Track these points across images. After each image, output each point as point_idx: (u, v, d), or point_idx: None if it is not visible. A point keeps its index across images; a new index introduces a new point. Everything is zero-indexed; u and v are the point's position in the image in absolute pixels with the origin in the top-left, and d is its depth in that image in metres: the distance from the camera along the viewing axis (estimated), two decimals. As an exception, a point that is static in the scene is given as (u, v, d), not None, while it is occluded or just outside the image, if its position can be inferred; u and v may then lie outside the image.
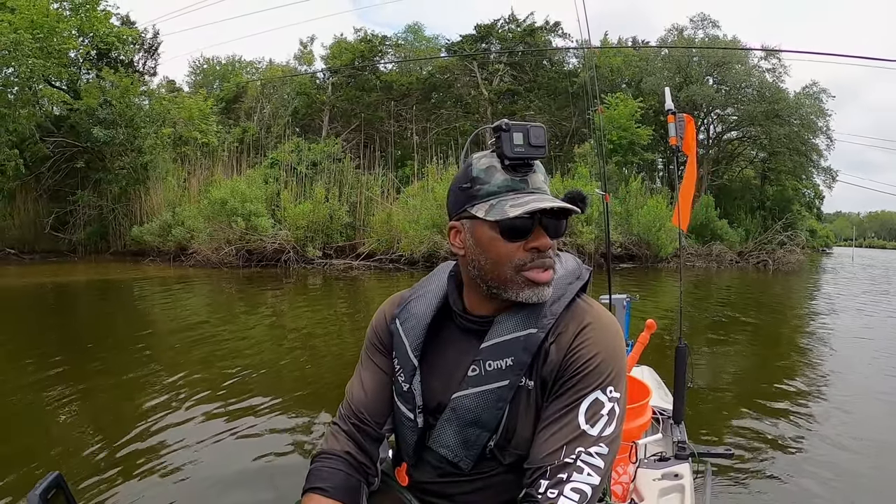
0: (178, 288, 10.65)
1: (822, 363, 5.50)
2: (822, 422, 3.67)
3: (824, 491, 2.70)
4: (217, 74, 28.37)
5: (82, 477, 2.67)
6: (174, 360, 5.16)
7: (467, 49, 21.30)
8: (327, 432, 1.10)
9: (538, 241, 0.92)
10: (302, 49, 25.73)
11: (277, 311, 8.30)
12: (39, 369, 4.62)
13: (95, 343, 6.01)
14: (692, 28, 22.37)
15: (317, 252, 13.12)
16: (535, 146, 0.92)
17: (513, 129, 0.91)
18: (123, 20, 18.21)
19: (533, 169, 0.95)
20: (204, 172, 16.17)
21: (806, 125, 21.31)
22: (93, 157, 16.54)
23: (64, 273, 12.98)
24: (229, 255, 12.65)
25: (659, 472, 1.97)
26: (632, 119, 18.06)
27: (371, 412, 1.07)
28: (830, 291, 12.84)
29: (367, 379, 1.09)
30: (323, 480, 1.00)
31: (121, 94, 15.40)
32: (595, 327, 0.94)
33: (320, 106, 22.02)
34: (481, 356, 0.96)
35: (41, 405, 3.78)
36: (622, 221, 15.81)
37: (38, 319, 7.66)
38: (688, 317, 7.57)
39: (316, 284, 11.37)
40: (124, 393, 4.14)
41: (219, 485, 2.69)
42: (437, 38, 25.92)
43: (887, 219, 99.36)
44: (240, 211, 12.57)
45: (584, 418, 0.89)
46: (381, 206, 14.28)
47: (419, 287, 1.11)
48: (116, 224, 16.62)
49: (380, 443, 1.08)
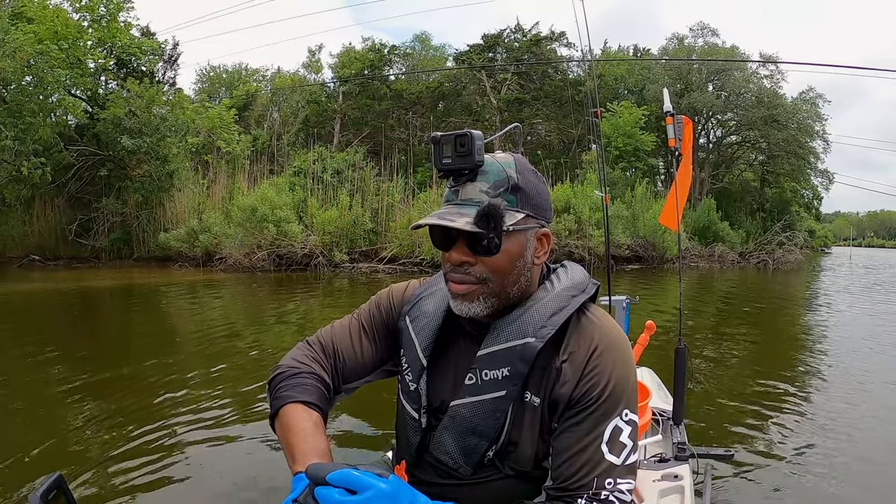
0: (213, 291, 11.45)
1: (822, 362, 5.59)
2: (823, 421, 3.72)
3: (825, 491, 2.75)
4: (224, 83, 29.35)
5: (83, 478, 2.73)
6: (193, 361, 5.35)
7: (475, 58, 22.40)
8: (292, 352, 1.08)
9: (450, 254, 0.94)
10: (310, 57, 26.86)
11: (308, 313, 8.85)
12: (61, 370, 4.82)
13: (120, 345, 6.35)
14: (692, 36, 23.63)
15: (344, 256, 14.16)
16: (462, 155, 0.91)
17: (443, 140, 0.92)
18: (143, 31, 19.21)
19: (472, 178, 0.93)
20: (226, 180, 17.13)
21: (803, 129, 22.57)
22: (115, 166, 17.49)
23: (92, 278, 13.57)
24: (261, 260, 13.64)
25: (659, 473, 2.00)
26: (636, 126, 19.23)
27: (349, 362, 1.08)
28: (827, 289, 13.76)
29: (361, 340, 1.10)
30: (303, 392, 0.99)
31: (146, 104, 16.33)
32: (607, 349, 0.95)
33: (332, 114, 23.04)
34: (477, 365, 0.97)
35: (50, 405, 3.90)
36: (629, 225, 16.92)
37: (71, 321, 8.19)
38: (689, 317, 7.75)
39: (343, 287, 12.32)
40: (139, 392, 4.23)
41: (221, 487, 2.73)
42: (444, 47, 27.08)
43: (886, 218, 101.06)
44: (270, 218, 13.57)
45: (606, 448, 0.91)
46: (401, 211, 15.33)
47: (430, 284, 1.12)
48: (140, 230, 17.46)
49: (337, 395, 1.09)
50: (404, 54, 25.01)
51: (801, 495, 2.72)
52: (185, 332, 7.22)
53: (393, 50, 24.47)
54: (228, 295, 11.04)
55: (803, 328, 8.18)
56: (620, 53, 25.82)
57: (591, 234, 14.55)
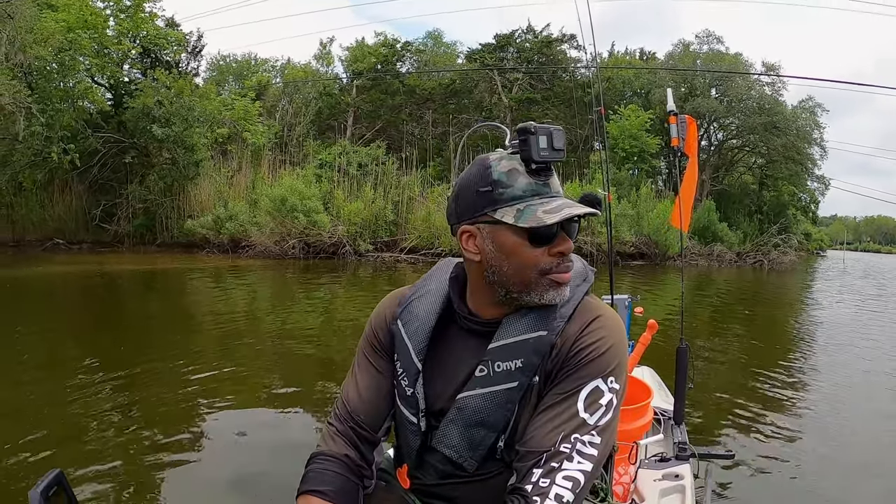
0: (244, 276, 12.29)
1: (821, 361, 5.77)
2: (824, 421, 3.79)
3: (826, 490, 2.79)
4: (233, 72, 30.31)
5: (83, 475, 2.73)
6: (215, 346, 5.60)
7: (487, 57, 23.67)
8: (323, 432, 1.13)
9: (563, 245, 0.97)
10: (321, 49, 27.94)
11: (333, 300, 9.55)
12: (77, 361, 4.90)
13: (143, 331, 6.63)
14: (697, 43, 25.03)
15: (368, 246, 15.50)
16: (556, 149, 0.95)
17: (539, 132, 0.93)
18: (168, 22, 20.20)
19: (552, 172, 0.98)
20: (248, 170, 18.31)
21: (802, 136, 24.07)
22: (139, 153, 18.50)
23: (121, 262, 14.36)
24: (292, 248, 14.92)
25: (660, 472, 2.05)
26: (642, 129, 20.66)
27: (367, 416, 1.10)
28: (820, 288, 15.12)
29: (364, 381, 1.12)
30: (320, 483, 1.03)
31: (175, 94, 17.37)
32: (601, 320, 0.99)
33: (345, 107, 24.21)
34: (489, 357, 0.99)
35: (54, 395, 3.92)
36: (634, 224, 18.34)
37: (112, 303, 8.78)
38: (689, 314, 7.81)
39: (367, 275, 13.44)
40: (153, 383, 4.29)
41: (221, 485, 2.76)
42: (455, 44, 28.27)
43: (883, 223, 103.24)
44: (300, 208, 14.84)
45: (582, 405, 0.93)
46: (420, 204, 16.66)
47: (420, 286, 1.14)
48: (164, 217, 18.40)
49: (375, 446, 1.13)
50: (416, 50, 26.18)
51: (802, 495, 2.76)
52: (217, 314, 7.79)
53: (406, 46, 25.64)
54: (258, 279, 11.96)
55: (801, 326, 8.61)
56: (627, 57, 27.20)
57: (600, 231, 15.93)
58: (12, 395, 3.98)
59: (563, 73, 23.69)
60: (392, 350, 1.10)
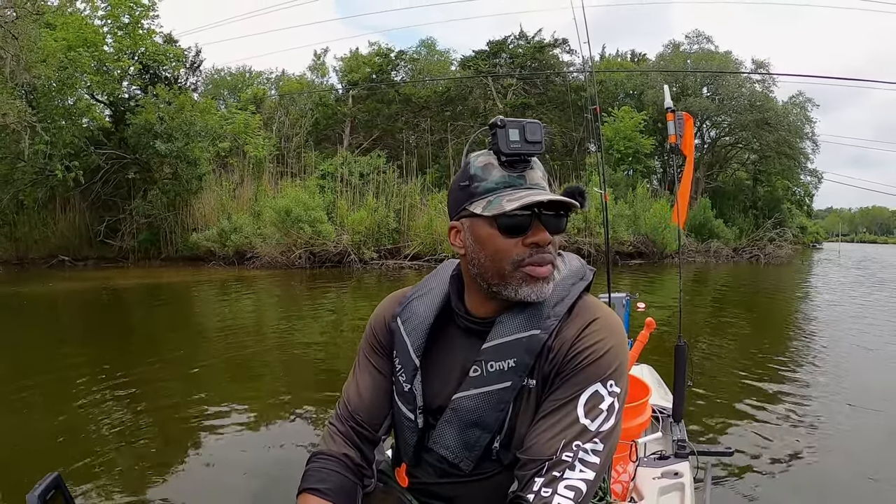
0: (256, 286, 12.55)
1: (820, 357, 5.77)
2: (823, 418, 3.80)
3: (825, 488, 2.80)
4: (227, 85, 30.73)
5: (83, 476, 2.77)
6: (210, 355, 5.67)
7: (480, 64, 24.18)
8: (324, 433, 1.15)
9: (536, 236, 0.96)
10: (316, 60, 28.42)
11: (339, 307, 9.75)
12: (85, 370, 4.94)
13: (149, 342, 6.75)
14: (688, 43, 25.65)
15: (373, 254, 15.94)
16: (531, 142, 0.96)
17: (508, 125, 0.95)
18: (166, 38, 20.56)
19: (531, 165, 0.99)
20: (251, 182, 18.71)
21: (793, 132, 24.67)
22: (141, 168, 18.81)
23: (128, 277, 14.50)
24: (298, 258, 15.33)
25: (659, 470, 2.06)
26: (636, 130, 21.19)
27: (368, 415, 1.12)
28: (816, 281, 15.51)
29: (364, 381, 1.14)
30: (319, 481, 1.05)
31: (175, 110, 17.73)
32: (599, 323, 0.98)
33: (342, 117, 24.67)
34: (483, 357, 1.00)
35: (58, 401, 3.99)
36: (631, 224, 18.83)
37: (120, 318, 8.91)
38: (688, 311, 7.81)
39: (372, 282, 13.74)
40: (158, 391, 4.31)
41: (222, 487, 2.79)
42: (449, 51, 28.81)
43: (878, 214, 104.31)
44: (304, 218, 15.27)
45: (582, 411, 0.92)
46: (421, 211, 17.12)
47: (421, 286, 1.16)
48: (168, 231, 18.67)
49: (376, 445, 1.15)
50: (411, 59, 26.67)
51: (802, 492, 2.78)
52: (224, 320, 8.05)
53: (400, 55, 26.14)
54: (265, 289, 12.23)
55: (798, 319, 8.77)
56: (618, 59, 27.79)
57: (599, 231, 16.40)
58: (15, 398, 4.14)
59: (556, 77, 24.22)
60: (391, 348, 1.13)
